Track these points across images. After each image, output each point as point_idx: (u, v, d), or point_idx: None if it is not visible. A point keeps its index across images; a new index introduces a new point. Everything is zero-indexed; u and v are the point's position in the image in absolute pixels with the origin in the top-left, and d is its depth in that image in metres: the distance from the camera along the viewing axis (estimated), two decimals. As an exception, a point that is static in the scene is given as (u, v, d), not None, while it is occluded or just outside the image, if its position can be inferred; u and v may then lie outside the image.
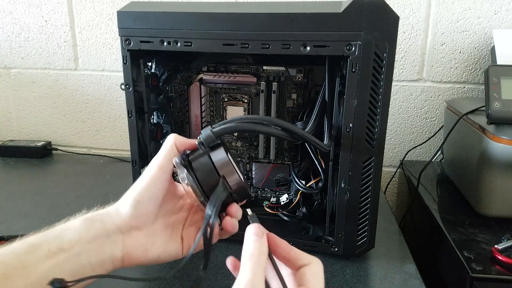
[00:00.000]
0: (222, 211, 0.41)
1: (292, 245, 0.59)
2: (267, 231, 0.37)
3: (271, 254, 0.36)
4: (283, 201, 0.65)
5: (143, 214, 0.40)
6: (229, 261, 0.38)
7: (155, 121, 0.68)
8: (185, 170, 0.39)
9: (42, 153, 1.02)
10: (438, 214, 0.66)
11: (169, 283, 0.52)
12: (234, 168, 0.40)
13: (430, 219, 0.67)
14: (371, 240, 0.56)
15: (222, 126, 0.40)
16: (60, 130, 1.12)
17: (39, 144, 1.03)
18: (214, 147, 0.40)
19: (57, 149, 1.07)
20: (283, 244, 0.36)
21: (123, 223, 0.39)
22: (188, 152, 0.42)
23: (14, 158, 1.00)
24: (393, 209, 0.99)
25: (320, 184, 0.60)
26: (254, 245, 0.34)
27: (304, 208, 0.64)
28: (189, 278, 0.53)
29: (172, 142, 0.41)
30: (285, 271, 0.37)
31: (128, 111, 0.59)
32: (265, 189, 0.71)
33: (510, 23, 0.85)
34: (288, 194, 0.66)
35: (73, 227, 0.38)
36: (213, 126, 0.40)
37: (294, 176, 0.62)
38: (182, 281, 0.53)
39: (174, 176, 0.43)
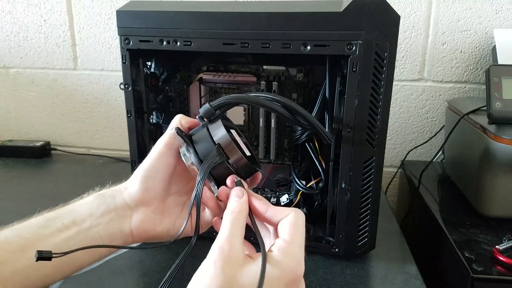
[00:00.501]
0: (222, 183, 0.40)
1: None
2: (251, 192, 0.38)
3: (251, 213, 0.37)
4: (284, 202, 0.65)
5: (150, 190, 0.41)
6: (214, 221, 0.40)
7: (154, 121, 0.68)
8: (184, 143, 0.40)
9: (41, 153, 1.02)
10: (439, 215, 0.66)
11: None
12: (234, 139, 0.40)
13: (431, 219, 0.66)
14: (372, 241, 0.56)
15: (221, 98, 0.40)
16: (59, 130, 1.12)
17: (38, 144, 1.03)
18: (213, 120, 0.41)
19: (56, 149, 1.07)
20: (259, 204, 0.37)
21: (131, 199, 0.41)
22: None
23: (13, 158, 1.00)
24: (394, 209, 0.98)
25: (320, 185, 0.60)
26: (233, 205, 0.35)
27: (304, 208, 0.64)
28: (188, 278, 0.53)
29: (177, 121, 0.42)
30: (271, 229, 0.38)
31: (127, 111, 0.59)
32: (265, 189, 0.70)
33: (511, 22, 0.85)
34: (288, 194, 0.66)
35: (85, 202, 0.40)
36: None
37: (294, 176, 0.62)
38: (182, 282, 0.52)
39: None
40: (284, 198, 0.65)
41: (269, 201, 0.67)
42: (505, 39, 0.77)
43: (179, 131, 0.40)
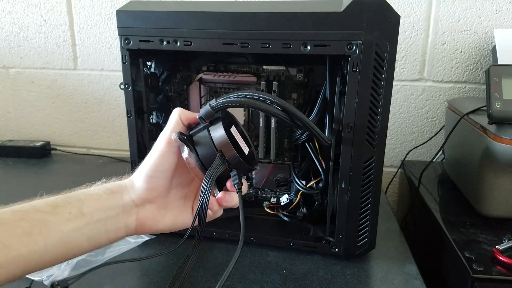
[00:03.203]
0: (222, 185, 0.42)
1: (292, 246, 0.59)
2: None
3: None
4: (284, 202, 0.65)
5: (156, 188, 0.43)
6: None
7: (154, 121, 0.68)
8: (185, 146, 0.40)
9: (41, 153, 1.02)
10: (439, 215, 0.66)
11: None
12: (236, 141, 0.41)
13: (431, 219, 0.66)
14: (372, 241, 0.56)
15: (221, 100, 0.41)
16: (59, 130, 1.12)
17: (38, 144, 1.03)
18: (214, 121, 0.41)
19: (56, 149, 1.07)
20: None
21: (137, 197, 0.42)
22: (192, 126, 0.43)
23: (13, 158, 1.00)
24: (394, 209, 0.98)
25: (320, 185, 0.60)
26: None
27: (304, 208, 0.64)
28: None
29: (177, 117, 0.43)
30: None
31: (127, 111, 0.59)
32: (265, 189, 0.70)
33: (511, 22, 0.85)
34: (288, 194, 0.66)
35: (94, 195, 0.41)
36: (213, 101, 0.41)
37: (294, 176, 0.62)
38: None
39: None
40: (284, 198, 0.65)
41: (269, 201, 0.67)
42: (505, 39, 0.77)
43: (180, 135, 0.41)
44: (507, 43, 0.76)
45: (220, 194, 0.42)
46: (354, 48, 0.48)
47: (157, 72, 0.65)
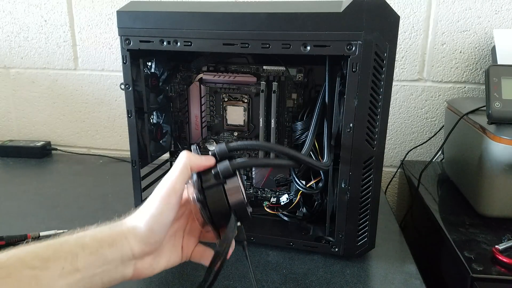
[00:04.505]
0: (221, 227, 0.42)
1: (292, 245, 0.60)
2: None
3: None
4: (283, 201, 0.65)
5: (158, 241, 0.41)
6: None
7: (154, 121, 0.68)
8: (199, 204, 0.40)
9: (42, 153, 1.02)
10: (439, 214, 0.66)
11: (169, 283, 0.52)
12: (245, 199, 0.41)
13: (430, 219, 0.66)
14: (372, 241, 0.56)
15: (240, 162, 0.42)
16: (60, 130, 1.12)
17: (39, 144, 1.03)
18: (229, 178, 0.41)
19: (56, 149, 1.07)
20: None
21: (138, 251, 0.39)
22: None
23: (13, 158, 1.00)
24: (394, 209, 0.98)
25: (320, 184, 0.60)
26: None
27: (304, 208, 0.64)
28: (188, 278, 0.53)
29: (187, 164, 0.41)
30: None
31: (127, 111, 0.59)
32: (265, 189, 0.70)
33: (510, 22, 0.85)
34: (288, 194, 0.66)
35: (90, 248, 0.37)
36: (232, 160, 0.41)
37: (294, 176, 0.62)
38: (182, 282, 0.53)
39: None
40: (284, 198, 0.65)
41: (269, 201, 0.67)
42: (505, 40, 0.77)
43: (199, 195, 0.40)
44: (507, 44, 0.76)
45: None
46: (353, 48, 0.48)
47: (158, 72, 0.65)
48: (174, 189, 0.40)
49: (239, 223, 0.41)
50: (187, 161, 0.41)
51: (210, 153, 0.42)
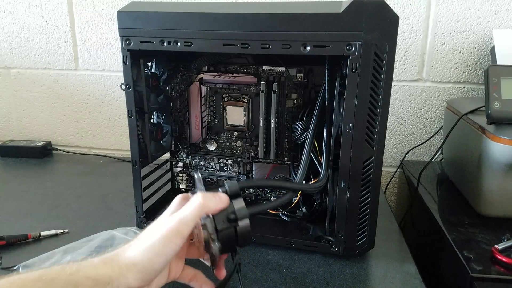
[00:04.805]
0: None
1: (292, 245, 0.60)
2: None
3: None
4: (283, 201, 0.65)
5: (156, 275, 0.40)
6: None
7: (155, 121, 0.68)
8: (215, 244, 0.41)
9: (42, 153, 1.02)
10: (438, 214, 0.66)
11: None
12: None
13: (430, 219, 0.67)
14: (371, 240, 0.57)
15: (255, 206, 0.44)
16: (60, 130, 1.12)
17: (39, 144, 1.03)
18: (241, 220, 0.42)
19: (57, 149, 1.07)
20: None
21: (134, 286, 0.38)
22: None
23: (14, 158, 1.00)
24: (393, 209, 0.99)
25: (320, 184, 0.60)
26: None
27: (304, 208, 0.64)
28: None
29: (201, 210, 0.40)
30: None
31: (128, 111, 0.59)
32: (265, 189, 0.71)
33: (510, 23, 0.85)
34: (288, 194, 0.66)
35: (80, 285, 0.35)
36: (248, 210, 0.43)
37: (294, 176, 0.62)
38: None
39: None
40: (284, 198, 0.65)
41: (269, 200, 0.67)
42: (504, 40, 0.77)
43: (213, 237, 0.41)
44: (506, 44, 0.77)
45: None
46: (353, 48, 0.48)
47: (158, 73, 0.66)
48: (182, 233, 0.39)
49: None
50: (202, 208, 0.40)
51: (220, 190, 0.43)
